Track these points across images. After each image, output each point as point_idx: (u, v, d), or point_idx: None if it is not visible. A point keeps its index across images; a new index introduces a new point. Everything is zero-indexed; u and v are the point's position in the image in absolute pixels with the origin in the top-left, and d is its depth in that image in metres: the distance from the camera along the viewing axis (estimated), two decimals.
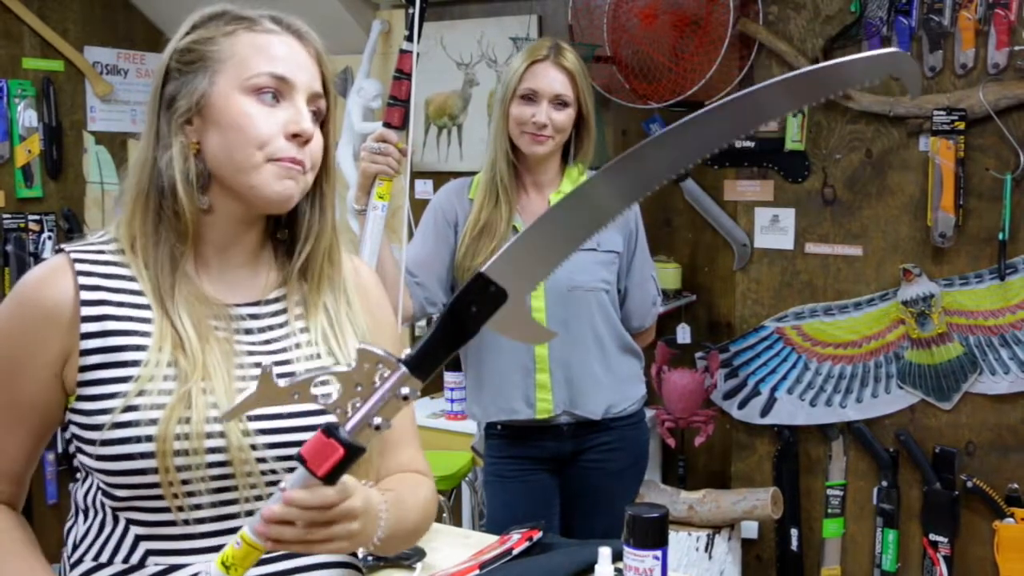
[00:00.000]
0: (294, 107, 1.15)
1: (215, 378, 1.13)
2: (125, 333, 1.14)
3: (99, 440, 1.10)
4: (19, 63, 3.50)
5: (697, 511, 2.81)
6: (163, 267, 1.16)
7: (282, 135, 1.14)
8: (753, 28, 2.99)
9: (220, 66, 1.15)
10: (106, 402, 1.12)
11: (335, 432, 0.93)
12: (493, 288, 0.90)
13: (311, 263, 1.23)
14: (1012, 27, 2.71)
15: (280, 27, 1.19)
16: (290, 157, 1.14)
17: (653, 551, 1.47)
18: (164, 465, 1.09)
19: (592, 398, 2.33)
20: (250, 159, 1.14)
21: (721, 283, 3.21)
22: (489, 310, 0.91)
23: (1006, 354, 2.80)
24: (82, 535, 1.19)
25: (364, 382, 0.93)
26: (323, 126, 1.21)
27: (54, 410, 1.18)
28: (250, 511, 1.14)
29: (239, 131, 1.13)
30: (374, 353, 0.93)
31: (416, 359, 0.93)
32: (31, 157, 3.53)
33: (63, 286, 1.15)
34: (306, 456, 0.94)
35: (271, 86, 1.15)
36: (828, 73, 0.86)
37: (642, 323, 2.47)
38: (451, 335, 0.92)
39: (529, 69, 2.28)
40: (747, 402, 3.16)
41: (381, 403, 0.93)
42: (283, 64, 1.16)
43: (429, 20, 3.07)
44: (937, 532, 2.88)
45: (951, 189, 2.77)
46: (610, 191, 0.90)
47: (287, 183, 1.15)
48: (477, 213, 2.30)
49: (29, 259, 3.48)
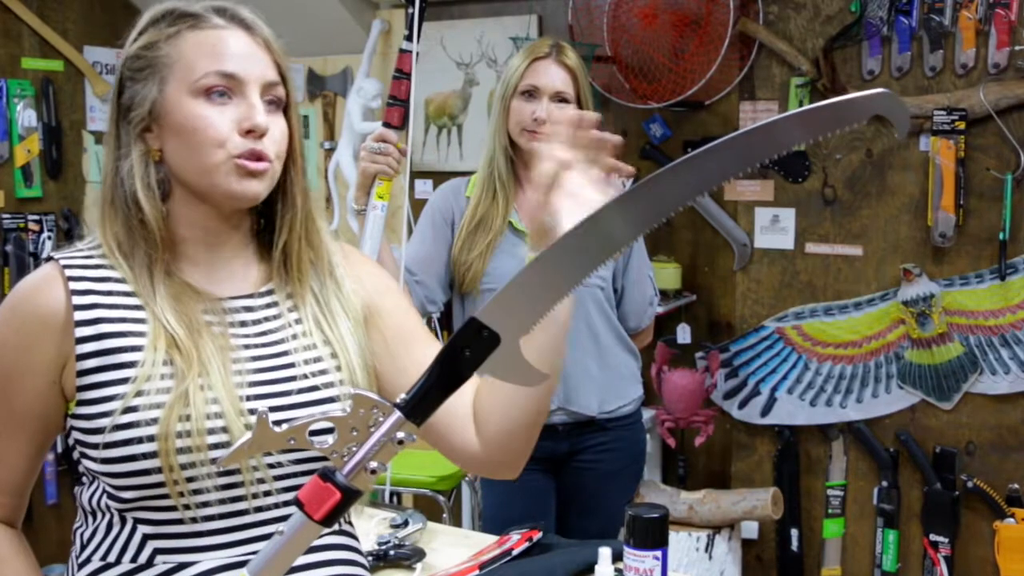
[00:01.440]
0: (246, 102, 1.14)
1: (212, 373, 1.13)
2: (120, 335, 1.14)
3: (102, 443, 1.11)
4: (18, 63, 3.49)
5: (697, 511, 2.80)
6: (141, 271, 1.17)
7: (237, 132, 1.13)
8: (753, 28, 2.99)
9: (167, 71, 1.14)
10: (106, 405, 1.12)
11: (332, 477, 0.94)
12: (486, 332, 0.90)
13: (289, 252, 1.23)
14: (1012, 27, 2.71)
15: (225, 19, 1.17)
16: (248, 151, 1.13)
17: (653, 551, 1.47)
18: (168, 464, 1.09)
19: (586, 394, 2.33)
20: (210, 159, 1.13)
21: (721, 283, 3.21)
22: (483, 354, 0.91)
23: (1006, 354, 2.80)
24: (90, 535, 1.19)
25: (360, 426, 0.94)
26: (285, 112, 1.19)
27: (53, 418, 1.18)
28: (259, 507, 1.15)
29: (195, 134, 1.13)
30: (369, 398, 0.94)
31: (411, 404, 0.93)
32: (31, 157, 3.52)
33: (55, 294, 1.15)
34: (303, 500, 0.95)
35: (220, 84, 1.13)
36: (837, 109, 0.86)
37: (639, 323, 2.47)
38: (445, 379, 0.93)
39: (530, 66, 2.29)
40: (747, 402, 3.16)
41: (377, 448, 0.94)
42: (230, 60, 1.14)
43: (429, 20, 3.07)
44: (938, 532, 2.88)
45: (951, 189, 2.77)
46: (622, 221, 0.89)
47: (250, 182, 1.14)
48: (474, 208, 2.31)
49: (29, 259, 3.48)
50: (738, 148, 0.86)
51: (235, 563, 1.14)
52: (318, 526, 0.94)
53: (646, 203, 0.88)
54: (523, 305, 0.91)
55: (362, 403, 0.93)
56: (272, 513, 1.16)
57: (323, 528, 0.94)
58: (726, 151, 0.86)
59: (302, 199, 1.23)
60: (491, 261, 2.29)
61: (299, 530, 0.95)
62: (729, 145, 0.86)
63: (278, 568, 0.97)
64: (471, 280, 2.30)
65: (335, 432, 0.94)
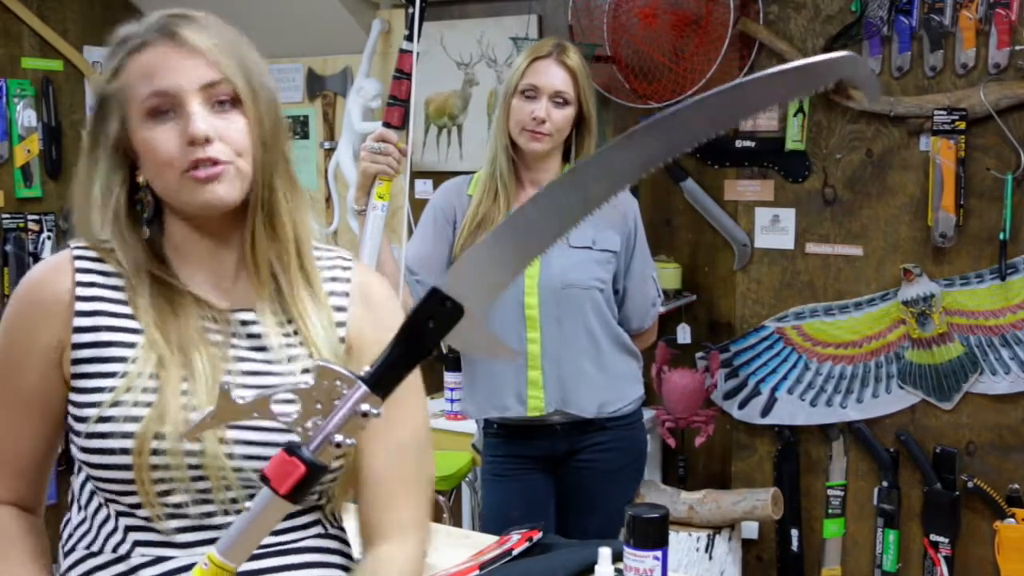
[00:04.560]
0: (184, 114, 1.14)
1: (198, 383, 1.14)
2: (115, 329, 1.18)
3: (84, 432, 1.14)
4: (18, 63, 3.49)
5: (697, 511, 2.80)
6: (128, 277, 1.20)
7: (182, 145, 1.14)
8: (753, 28, 2.99)
9: (119, 105, 1.17)
10: (92, 396, 1.15)
11: (297, 451, 0.94)
12: (449, 303, 0.90)
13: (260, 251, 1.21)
14: (1013, 27, 2.70)
15: (155, 34, 1.17)
16: (194, 160, 1.13)
17: (653, 551, 1.47)
18: (140, 477, 1.12)
19: (584, 396, 2.33)
20: (169, 181, 1.15)
21: (721, 283, 3.21)
22: (446, 325, 0.91)
23: (1007, 354, 2.80)
24: (76, 524, 1.22)
25: (323, 399, 0.94)
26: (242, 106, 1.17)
27: (58, 402, 1.20)
28: (226, 511, 1.16)
29: (151, 159, 1.15)
30: (332, 370, 0.93)
31: (375, 376, 0.93)
32: (30, 157, 3.52)
33: (63, 279, 1.20)
34: (269, 475, 0.95)
35: (159, 105, 1.14)
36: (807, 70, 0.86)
37: (642, 324, 2.47)
38: (409, 352, 0.92)
39: (531, 66, 2.29)
40: (747, 402, 3.16)
41: (342, 421, 0.94)
42: (159, 78, 1.14)
43: (429, 20, 3.06)
44: (938, 532, 2.88)
45: (952, 189, 2.77)
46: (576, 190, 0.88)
47: (209, 189, 1.14)
48: (475, 207, 2.31)
49: (29, 259, 3.48)
50: (710, 108, 0.86)
51: None
52: (285, 502, 0.94)
53: (621, 162, 0.87)
54: (488, 273, 0.90)
55: (326, 375, 0.93)
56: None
57: (290, 504, 0.94)
58: (698, 111, 0.86)
59: (264, 191, 1.19)
60: None
61: (266, 506, 0.95)
62: (701, 106, 0.86)
63: (246, 545, 0.97)
64: None
65: (299, 404, 0.94)
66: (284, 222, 1.22)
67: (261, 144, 1.18)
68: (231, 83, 1.16)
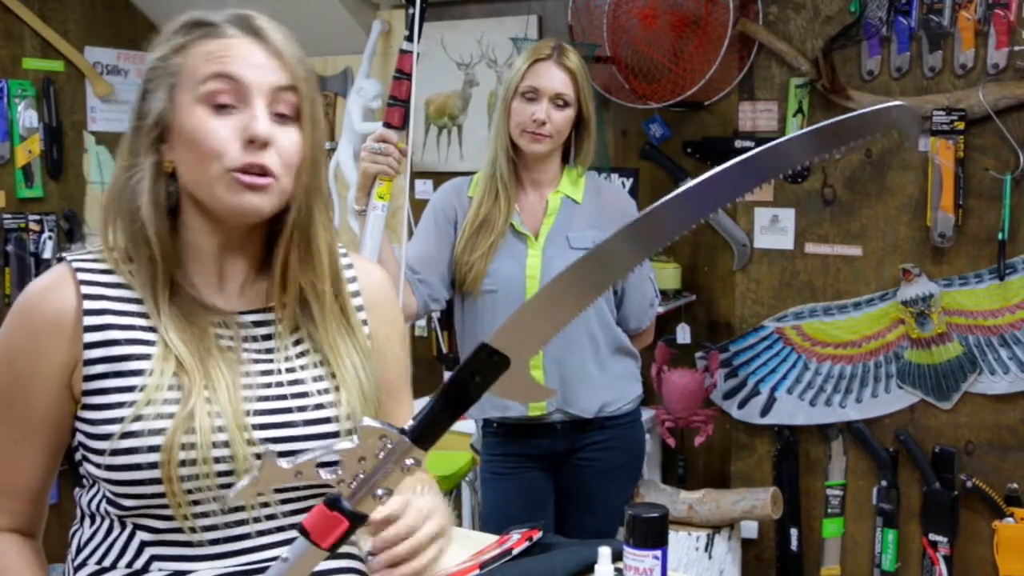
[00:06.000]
0: (250, 111, 1.10)
1: (219, 391, 1.11)
2: (128, 342, 1.13)
3: (108, 450, 1.10)
4: (20, 63, 3.50)
5: (697, 511, 2.81)
6: (145, 285, 1.14)
7: (238, 141, 1.09)
8: (753, 28, 2.99)
9: (175, 80, 1.12)
10: (111, 411, 1.11)
11: (338, 505, 0.94)
12: (497, 357, 0.92)
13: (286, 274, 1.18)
14: (1012, 27, 2.71)
15: (236, 29, 1.13)
16: (247, 163, 1.09)
17: (653, 551, 1.48)
18: (171, 488, 1.09)
19: (585, 397, 2.34)
20: (208, 172, 1.10)
21: (721, 283, 3.22)
22: (492, 378, 0.93)
23: (1005, 354, 2.80)
24: (87, 539, 1.18)
25: (368, 455, 0.95)
26: (300, 122, 1.14)
27: (66, 423, 1.16)
28: (260, 531, 1.14)
29: (196, 145, 1.10)
30: (376, 428, 0.94)
31: (419, 430, 0.94)
32: (31, 157, 3.53)
33: (66, 295, 1.14)
34: (309, 528, 0.95)
35: (222, 89, 1.10)
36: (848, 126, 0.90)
37: (639, 324, 2.48)
38: (453, 404, 0.94)
39: (531, 68, 2.30)
40: (747, 402, 3.16)
41: (385, 475, 0.95)
42: (232, 64, 1.10)
43: (429, 20, 3.07)
44: (937, 532, 2.88)
45: (951, 189, 2.77)
46: (626, 248, 0.92)
47: (249, 197, 1.10)
48: (476, 208, 2.32)
49: (30, 259, 3.49)
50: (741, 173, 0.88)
51: (232, 573, 1.14)
52: (323, 552, 0.95)
53: (650, 232, 0.91)
54: (533, 328, 0.94)
55: (370, 434, 0.94)
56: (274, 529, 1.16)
57: (328, 553, 0.95)
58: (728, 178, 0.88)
59: (302, 216, 1.16)
60: (492, 262, 2.30)
61: (304, 557, 0.96)
62: (730, 172, 0.88)
63: None
64: (472, 280, 2.30)
65: (342, 463, 0.95)
66: (320, 249, 1.19)
67: (309, 164, 1.15)
68: (299, 94, 1.13)
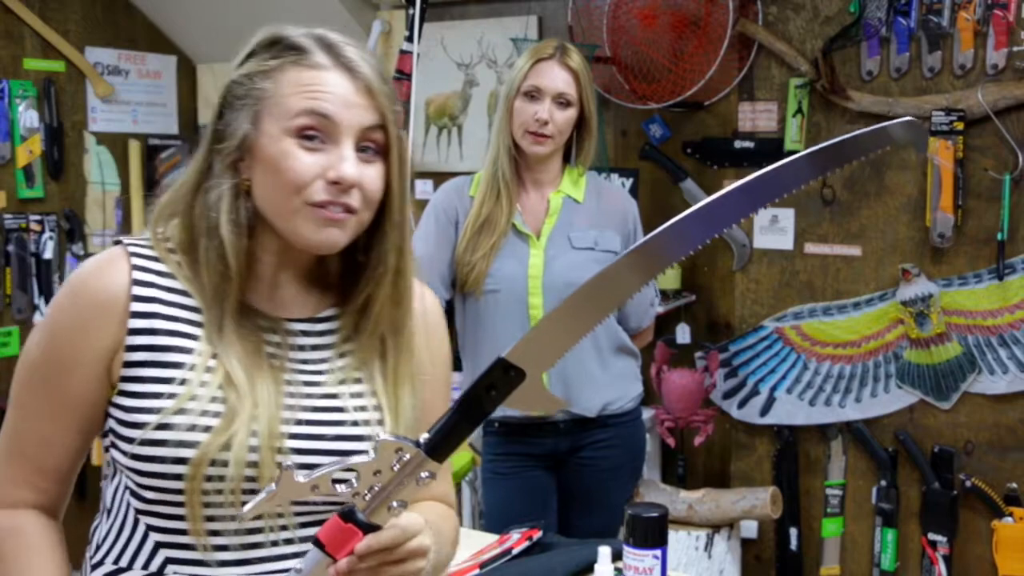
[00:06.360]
0: (338, 151, 1.09)
1: (261, 408, 1.11)
2: (172, 334, 1.12)
3: (138, 439, 1.09)
4: (20, 64, 3.50)
5: (696, 511, 2.81)
6: (208, 296, 1.13)
7: (322, 179, 1.09)
8: (752, 29, 3.00)
9: (263, 105, 1.11)
10: (146, 400, 1.10)
11: (353, 517, 0.96)
12: (513, 372, 0.94)
13: (369, 307, 1.19)
14: (1011, 28, 2.71)
15: (328, 58, 1.12)
16: (329, 201, 1.09)
17: (653, 550, 1.48)
18: (191, 501, 1.09)
19: (588, 396, 2.35)
20: (288, 204, 1.09)
21: (721, 283, 3.22)
22: (508, 390, 0.95)
23: (1005, 354, 2.80)
24: (104, 535, 1.18)
25: (383, 467, 0.96)
26: (386, 158, 1.14)
27: (101, 405, 1.15)
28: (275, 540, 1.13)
29: (278, 174, 1.09)
30: (393, 443, 0.96)
31: (434, 443, 0.96)
32: (32, 157, 3.53)
33: (118, 276, 1.13)
34: (324, 540, 0.96)
35: (313, 125, 1.09)
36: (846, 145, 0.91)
37: (639, 323, 2.48)
38: (469, 417, 0.96)
39: (534, 67, 2.30)
40: (746, 402, 3.17)
41: (400, 488, 0.97)
42: (326, 102, 1.10)
43: (429, 21, 3.07)
44: (936, 531, 2.88)
45: (950, 189, 2.78)
46: (634, 270, 0.95)
47: (329, 231, 1.10)
48: (478, 208, 2.32)
49: (30, 259, 3.49)
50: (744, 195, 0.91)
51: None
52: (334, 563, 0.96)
53: (656, 254, 0.94)
54: (549, 343, 0.96)
55: (386, 448, 0.96)
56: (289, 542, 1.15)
57: None
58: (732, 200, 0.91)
59: (395, 257, 1.17)
60: (495, 262, 2.30)
61: (318, 568, 0.97)
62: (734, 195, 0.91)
63: None
64: (474, 281, 2.31)
65: (358, 476, 0.96)
66: (409, 286, 1.20)
67: (399, 201, 1.16)
68: (387, 133, 1.13)
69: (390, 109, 1.13)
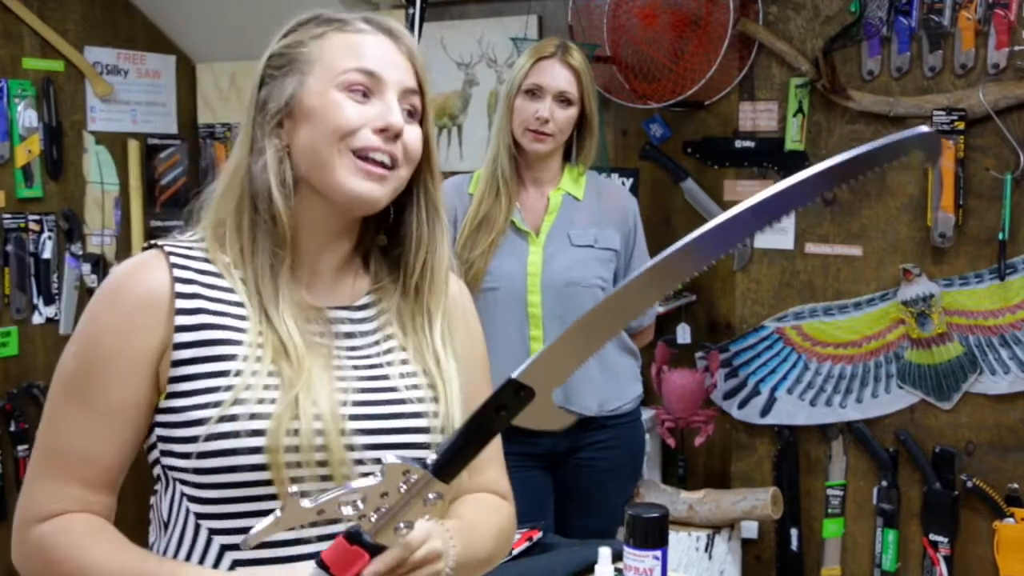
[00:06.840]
0: (384, 103, 1.14)
1: (317, 384, 1.10)
2: (219, 327, 1.12)
3: (203, 435, 1.07)
4: (19, 63, 3.49)
5: (697, 511, 2.81)
6: (263, 273, 1.14)
7: (369, 128, 1.12)
8: (753, 28, 2.99)
9: (309, 67, 1.15)
10: (203, 396, 1.09)
11: (359, 538, 0.95)
12: (523, 392, 0.95)
13: (416, 277, 1.21)
14: (1012, 27, 2.71)
15: (371, 27, 1.18)
16: (375, 147, 1.12)
17: (653, 551, 1.48)
18: (277, 477, 1.07)
19: (586, 394, 2.34)
20: (332, 150, 1.12)
21: (721, 283, 3.21)
22: (516, 410, 0.95)
23: (1006, 354, 2.80)
24: (162, 550, 1.15)
25: (390, 489, 0.96)
26: (421, 124, 1.18)
27: (147, 411, 1.12)
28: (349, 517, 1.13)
29: (325, 121, 1.12)
30: (399, 466, 0.95)
31: (442, 464, 0.95)
32: (31, 157, 3.52)
33: (159, 275, 1.13)
34: (329, 562, 0.95)
35: (361, 82, 1.13)
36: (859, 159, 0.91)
37: (640, 322, 2.48)
38: (477, 438, 0.95)
39: (535, 65, 2.30)
40: (747, 402, 3.16)
41: (407, 508, 0.96)
42: (372, 60, 1.15)
43: (429, 20, 3.07)
44: (937, 532, 2.88)
45: (951, 189, 2.77)
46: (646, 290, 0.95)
47: (371, 185, 1.13)
48: (477, 205, 2.32)
49: (29, 259, 3.48)
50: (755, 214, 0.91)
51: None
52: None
53: (668, 273, 0.93)
54: (559, 363, 0.98)
55: (394, 471, 0.95)
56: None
57: None
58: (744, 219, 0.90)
59: (439, 219, 1.21)
60: (493, 260, 2.30)
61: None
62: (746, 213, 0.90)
63: None
64: (472, 279, 2.30)
65: (365, 498, 0.96)
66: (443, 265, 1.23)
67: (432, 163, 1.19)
68: (424, 99, 1.18)
69: (425, 79, 1.19)
